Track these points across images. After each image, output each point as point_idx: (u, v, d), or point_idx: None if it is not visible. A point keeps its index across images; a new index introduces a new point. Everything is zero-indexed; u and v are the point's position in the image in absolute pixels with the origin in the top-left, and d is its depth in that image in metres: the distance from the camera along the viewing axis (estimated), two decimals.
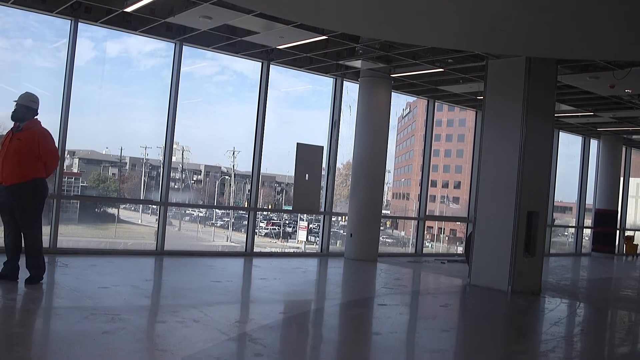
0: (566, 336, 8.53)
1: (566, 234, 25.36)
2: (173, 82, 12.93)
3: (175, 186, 28.00)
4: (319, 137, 15.63)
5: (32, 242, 8.26)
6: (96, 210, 22.58)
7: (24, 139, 8.21)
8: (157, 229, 13.15)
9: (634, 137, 22.40)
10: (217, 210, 29.65)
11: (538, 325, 9.51)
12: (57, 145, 9.10)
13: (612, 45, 10.18)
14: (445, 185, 55.54)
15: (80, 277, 9.54)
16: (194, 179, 30.43)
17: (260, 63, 14.16)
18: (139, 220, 25.56)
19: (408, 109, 43.84)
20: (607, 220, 22.62)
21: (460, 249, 18.91)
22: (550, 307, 10.74)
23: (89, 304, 7.64)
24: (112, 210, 24.27)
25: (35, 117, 8.48)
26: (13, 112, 8.33)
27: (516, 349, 7.43)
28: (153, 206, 14.88)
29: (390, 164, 44.94)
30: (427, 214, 18.57)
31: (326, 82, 15.65)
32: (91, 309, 7.25)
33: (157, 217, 13.30)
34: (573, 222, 23.56)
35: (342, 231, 17.73)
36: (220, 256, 14.08)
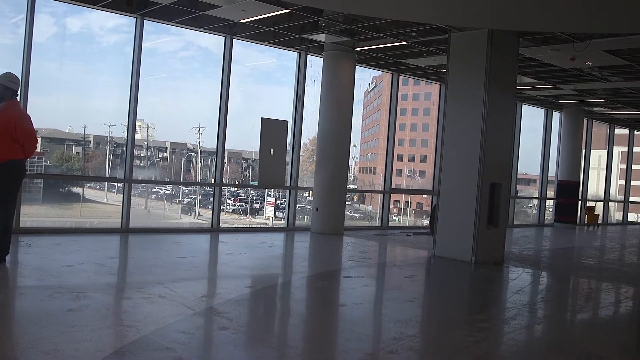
0: (527, 304, 8.71)
1: (530, 205, 25.73)
2: (135, 58, 12.77)
3: (141, 164, 27.74)
4: (285, 112, 15.64)
5: (3, 221, 8.14)
6: (60, 190, 22.29)
7: (1, 120, 8.03)
8: (122, 206, 13.06)
9: (595, 109, 22.72)
10: (183, 187, 29.47)
11: (500, 294, 9.70)
12: None
13: (572, 18, 10.27)
14: (412, 159, 55.81)
15: (44, 256, 9.46)
16: (160, 156, 30.16)
17: (223, 37, 14.05)
18: (105, 199, 25.30)
19: (374, 83, 43.79)
20: (569, 192, 22.99)
21: (426, 222, 19.09)
22: (512, 277, 10.94)
23: (53, 282, 7.60)
24: (77, 190, 23.98)
25: (15, 98, 8.30)
26: None
27: (479, 317, 7.57)
28: (119, 185, 14.72)
29: (357, 139, 45.02)
30: (393, 187, 18.71)
31: (292, 57, 15.61)
32: (55, 288, 7.20)
33: (122, 194, 13.21)
34: (536, 194, 23.92)
35: (309, 206, 17.78)
36: (187, 233, 14.02)
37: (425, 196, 27.35)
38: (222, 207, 14.98)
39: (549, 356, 6.14)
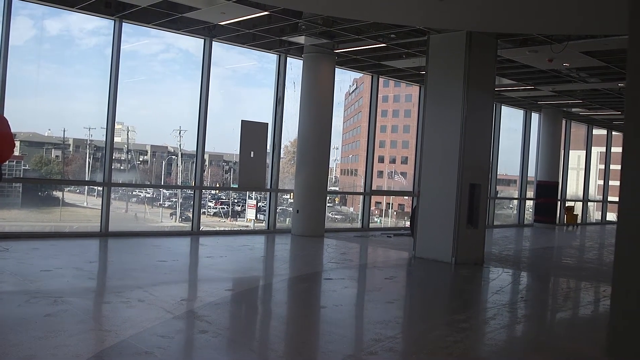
0: (507, 304, 8.75)
1: (511, 206, 25.88)
2: (113, 61, 12.70)
3: (121, 167, 27.60)
4: (266, 115, 15.61)
5: None
6: (40, 193, 22.11)
7: None
8: (101, 210, 12.97)
9: (573, 110, 22.91)
10: (164, 190, 29.36)
11: (480, 295, 9.76)
12: None
13: (549, 19, 10.35)
14: (393, 160, 55.98)
15: (22, 261, 9.39)
16: (141, 159, 30.00)
17: (203, 40, 14.01)
18: (85, 203, 25.14)
19: (355, 85, 43.90)
20: (549, 192, 23.16)
21: (407, 223, 19.14)
22: (492, 277, 10.99)
23: (30, 287, 7.53)
24: (57, 194, 23.80)
25: None
26: None
27: (459, 317, 7.59)
28: (98, 188, 14.64)
29: (338, 141, 45.02)
30: (374, 189, 18.76)
31: (272, 59, 15.60)
32: (33, 293, 7.15)
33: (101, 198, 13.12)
34: (516, 194, 24.06)
35: (291, 209, 17.79)
36: (167, 236, 13.96)
37: (407, 197, 27.42)
38: (203, 210, 14.90)
39: (528, 355, 6.18)
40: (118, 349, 5.24)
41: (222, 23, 12.57)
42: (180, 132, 27.05)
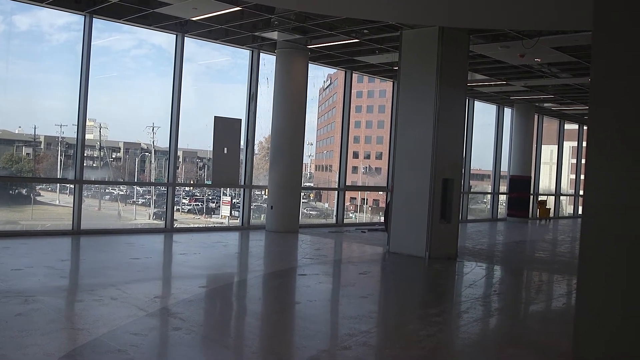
0: (480, 297, 8.82)
1: (484, 200, 26.07)
2: (84, 57, 12.57)
3: (94, 164, 27.33)
4: (240, 111, 15.53)
5: None
6: (10, 192, 21.83)
7: None
8: (73, 208, 12.84)
9: (545, 105, 23.13)
10: (138, 187, 29.14)
11: (454, 289, 9.83)
12: None
13: (521, 15, 10.43)
14: (368, 156, 56.06)
15: None
16: (113, 156, 29.72)
17: (175, 35, 13.91)
18: (57, 201, 24.87)
19: (329, 80, 43.86)
20: (521, 186, 23.36)
21: (382, 218, 19.19)
22: (466, 271, 11.07)
23: (1, 286, 7.44)
24: (28, 192, 23.52)
25: None
26: None
27: (432, 311, 7.64)
28: (70, 186, 14.49)
29: (312, 136, 44.93)
30: (349, 184, 18.79)
31: (246, 55, 15.53)
32: (3, 292, 7.06)
33: (73, 195, 12.99)
34: (489, 189, 24.24)
35: (265, 205, 17.75)
36: (140, 233, 13.86)
37: (382, 193, 27.51)
38: (177, 207, 14.81)
39: (501, 348, 6.24)
40: (90, 347, 5.20)
41: (194, 18, 12.50)
42: (153, 129, 26.83)
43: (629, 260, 3.48)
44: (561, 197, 28.79)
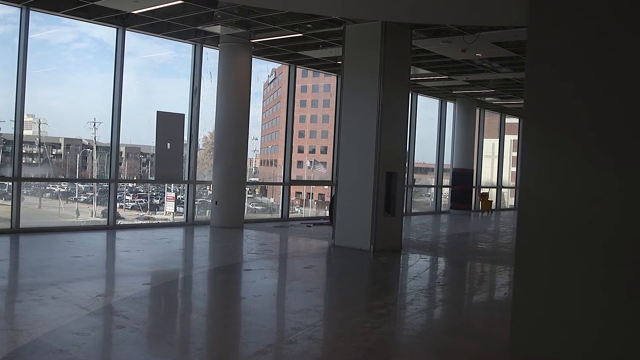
0: (425, 289, 8.93)
1: (428, 193, 26.37)
2: (21, 50, 12.24)
3: (33, 161, 26.67)
4: (184, 106, 15.35)
5: None
6: None
7: None
8: (11, 206, 12.51)
9: (486, 99, 23.52)
10: (79, 184, 28.59)
11: (398, 281, 9.92)
12: None
13: (462, 10, 10.57)
14: (312, 150, 56.09)
15: None
16: (54, 152, 29.07)
17: (115, 29, 13.67)
18: None
19: (273, 75, 43.72)
20: (464, 179, 23.73)
21: (327, 212, 19.26)
22: (410, 263, 11.20)
23: None
24: None
25: None
26: None
27: (377, 303, 7.70)
28: (9, 183, 14.13)
29: (257, 131, 44.71)
30: (294, 179, 18.79)
31: (189, 49, 15.35)
32: None
33: (11, 193, 12.66)
34: (433, 182, 24.54)
35: (210, 200, 17.62)
36: (82, 231, 13.59)
37: (327, 187, 27.59)
38: (121, 204, 14.57)
39: (446, 338, 6.33)
40: (30, 348, 5.09)
41: (135, 12, 12.29)
42: (95, 125, 26.33)
43: (561, 250, 3.59)
44: (503, 190, 29.33)
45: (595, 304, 3.43)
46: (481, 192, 26.04)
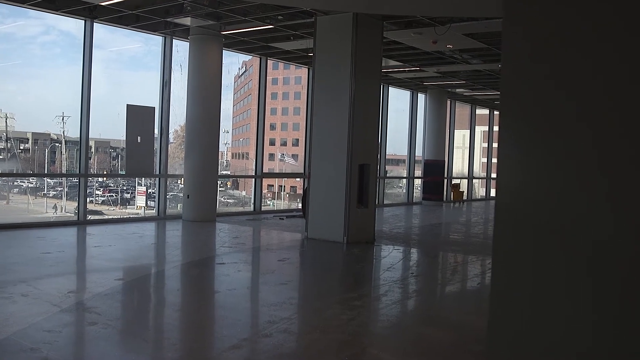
0: (398, 280, 8.96)
1: (400, 185, 26.47)
2: None
3: (0, 157, 26.32)
4: (154, 99, 15.20)
5: None
6: None
7: None
8: None
9: (457, 90, 23.64)
10: (48, 179, 28.24)
11: (372, 272, 9.94)
12: None
13: (432, 2, 10.59)
14: (284, 143, 56.04)
15: None
16: (21, 147, 28.69)
17: (83, 21, 13.46)
18: None
19: (244, 67, 43.51)
20: (436, 170, 23.85)
21: (300, 205, 19.24)
22: (383, 255, 11.22)
23: None
24: None
25: None
26: None
27: (351, 295, 7.71)
28: None
29: (228, 124, 44.55)
30: (266, 171, 18.71)
31: (159, 41, 15.19)
32: None
33: None
34: (405, 174, 24.63)
35: (182, 194, 17.51)
36: (52, 227, 13.40)
37: (299, 179, 27.57)
38: (91, 199, 14.40)
39: (420, 329, 6.36)
40: (1, 347, 5.00)
41: (103, 3, 12.11)
42: (63, 119, 26.01)
43: (539, 242, 3.60)
44: (474, 180, 29.56)
45: (580, 299, 3.45)
46: (452, 183, 26.20)
